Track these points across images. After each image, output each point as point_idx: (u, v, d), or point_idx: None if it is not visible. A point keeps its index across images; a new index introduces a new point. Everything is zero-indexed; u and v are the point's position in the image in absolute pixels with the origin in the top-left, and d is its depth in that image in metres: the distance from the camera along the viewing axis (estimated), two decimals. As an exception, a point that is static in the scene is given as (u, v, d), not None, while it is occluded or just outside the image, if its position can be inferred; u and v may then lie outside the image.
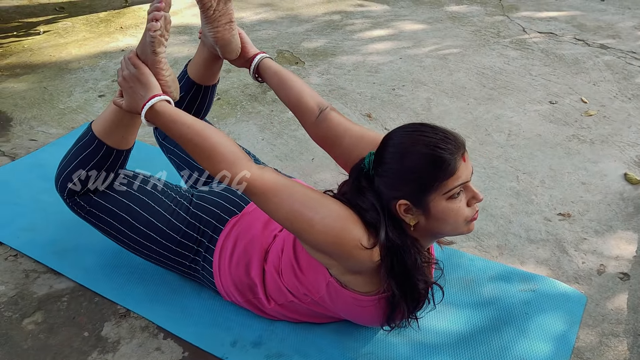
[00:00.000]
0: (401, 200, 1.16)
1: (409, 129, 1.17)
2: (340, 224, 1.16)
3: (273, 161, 2.13)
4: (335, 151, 1.40)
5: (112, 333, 1.46)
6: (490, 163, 2.12)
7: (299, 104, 1.42)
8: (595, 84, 2.67)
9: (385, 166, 1.17)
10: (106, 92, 2.63)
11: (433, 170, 1.12)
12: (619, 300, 1.54)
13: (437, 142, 1.12)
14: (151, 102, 1.24)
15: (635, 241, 1.74)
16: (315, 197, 1.19)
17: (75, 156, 1.42)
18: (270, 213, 1.21)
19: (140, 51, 1.30)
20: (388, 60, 2.93)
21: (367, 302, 1.26)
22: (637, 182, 1.99)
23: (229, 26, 1.44)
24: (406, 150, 1.14)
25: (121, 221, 1.44)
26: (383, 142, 1.20)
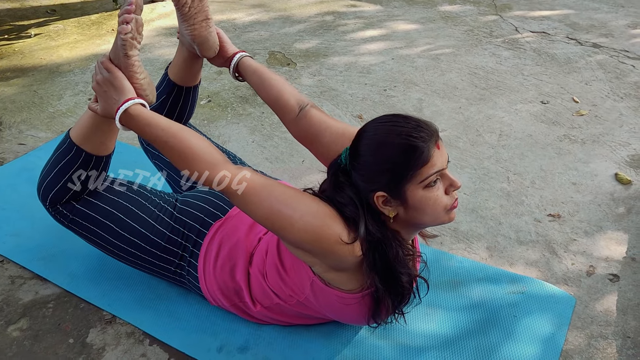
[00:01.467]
0: (378, 192, 1.15)
1: (382, 120, 1.16)
2: (320, 221, 1.15)
3: (263, 163, 2.12)
4: (316, 148, 1.39)
5: (98, 339, 1.45)
6: (481, 164, 2.11)
7: (279, 101, 1.41)
8: (587, 83, 2.66)
9: (361, 159, 1.16)
10: (96, 95, 2.62)
11: (407, 159, 1.11)
12: (608, 302, 1.54)
13: (409, 131, 1.11)
14: (125, 105, 1.23)
15: (626, 242, 1.73)
16: (293, 194, 1.19)
17: (55, 164, 1.40)
18: (250, 213, 1.20)
19: (113, 55, 1.29)
20: (380, 61, 2.92)
21: (352, 299, 1.25)
22: (628, 182, 1.98)
23: (205, 23, 1.44)
24: (380, 142, 1.13)
25: (105, 229, 1.43)
26: (358, 136, 1.19)
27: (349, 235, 1.15)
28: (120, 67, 1.27)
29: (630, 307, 1.52)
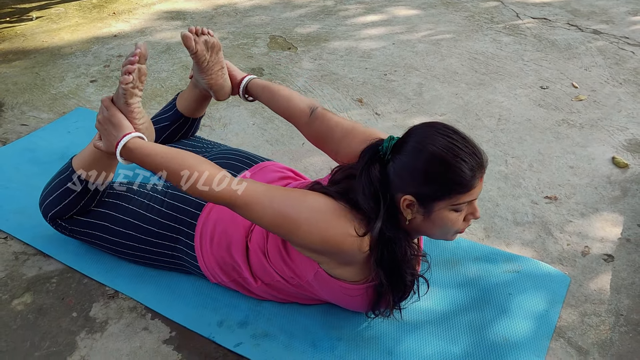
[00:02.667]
0: (408, 196, 1.16)
1: (441, 131, 1.15)
2: (325, 223, 1.17)
3: (264, 145, 2.14)
4: (328, 146, 1.43)
5: (100, 313, 1.48)
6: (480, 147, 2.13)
7: (290, 107, 1.48)
8: (587, 69, 2.67)
9: (406, 158, 1.16)
10: (98, 77, 2.63)
11: (454, 182, 1.13)
12: (602, 281, 1.56)
13: (465, 157, 1.13)
14: (123, 140, 1.28)
15: (621, 223, 1.76)
16: (295, 196, 1.21)
17: (56, 188, 1.49)
18: (255, 221, 1.23)
19: (115, 98, 1.34)
20: (381, 46, 2.93)
21: (355, 290, 1.29)
22: (624, 166, 2.00)
23: (221, 72, 1.54)
24: (433, 153, 1.12)
25: (101, 229, 1.51)
26: (409, 133, 1.19)
27: (358, 230, 1.17)
28: (121, 111, 1.33)
29: (624, 286, 1.55)
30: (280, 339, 1.40)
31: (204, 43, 1.47)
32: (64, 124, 2.24)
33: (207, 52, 1.49)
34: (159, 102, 2.43)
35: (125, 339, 1.41)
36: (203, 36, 1.47)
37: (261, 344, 1.39)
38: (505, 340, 1.38)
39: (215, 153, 1.62)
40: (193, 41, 1.45)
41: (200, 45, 1.46)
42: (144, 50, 1.29)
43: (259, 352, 1.37)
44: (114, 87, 2.54)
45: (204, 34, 1.47)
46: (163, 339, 1.41)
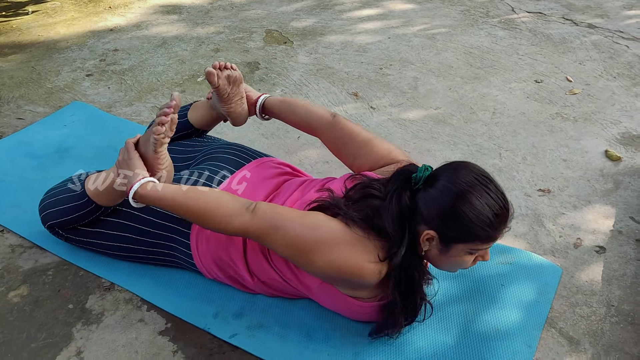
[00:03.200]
0: (432, 231, 1.19)
1: (479, 178, 1.17)
2: (344, 253, 1.19)
3: (259, 139, 2.15)
4: (346, 152, 1.47)
5: (97, 305, 1.49)
6: (474, 140, 2.14)
7: (310, 115, 1.51)
8: (581, 63, 2.68)
9: (437, 194, 1.17)
10: (94, 71, 2.63)
11: (481, 231, 1.16)
12: (593, 273, 1.58)
13: (497, 209, 1.15)
14: (134, 187, 1.30)
15: (613, 216, 1.77)
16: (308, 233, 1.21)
17: (61, 202, 1.49)
18: (271, 249, 1.28)
19: (142, 144, 1.36)
20: (376, 40, 2.94)
21: (361, 307, 1.31)
22: (617, 159, 2.02)
23: (240, 101, 1.56)
24: (467, 199, 1.14)
25: (95, 236, 1.53)
26: (445, 169, 1.21)
27: (380, 255, 1.20)
28: (147, 156, 1.35)
29: (615, 277, 1.56)
30: (275, 330, 1.42)
31: (227, 77, 1.49)
32: (60, 118, 2.24)
33: (228, 86, 1.50)
34: (154, 95, 2.44)
35: (121, 330, 1.43)
36: (226, 70, 1.48)
37: (256, 335, 1.40)
38: (497, 330, 1.40)
39: (214, 148, 1.63)
40: (216, 77, 1.46)
41: (222, 80, 1.48)
42: (179, 102, 1.32)
43: (254, 343, 1.39)
44: (110, 81, 2.55)
45: (227, 69, 1.48)
46: (159, 330, 1.43)
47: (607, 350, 1.37)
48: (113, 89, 2.50)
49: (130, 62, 2.72)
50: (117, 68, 2.66)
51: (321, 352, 1.37)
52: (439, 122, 2.26)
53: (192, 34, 3.00)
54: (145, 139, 1.35)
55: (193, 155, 1.65)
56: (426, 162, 2.01)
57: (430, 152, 2.08)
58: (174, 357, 1.37)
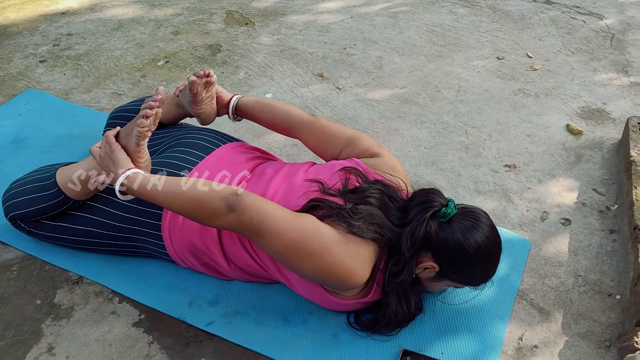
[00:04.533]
0: (435, 265, 1.26)
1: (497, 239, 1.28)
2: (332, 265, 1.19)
3: (225, 123, 2.11)
4: (330, 148, 1.48)
5: (65, 300, 1.45)
6: (440, 119, 2.16)
7: (290, 114, 1.51)
8: (540, 39, 2.73)
9: (456, 241, 1.22)
10: (47, 57, 2.53)
11: (475, 284, 1.30)
12: (560, 245, 1.62)
13: (493, 274, 1.30)
14: (121, 178, 1.27)
15: (577, 188, 1.82)
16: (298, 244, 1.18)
17: (30, 192, 1.44)
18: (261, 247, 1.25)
19: (123, 137, 1.33)
20: (339, 19, 2.91)
21: (336, 303, 1.32)
22: (578, 133, 2.07)
23: (211, 102, 1.54)
24: (484, 254, 1.24)
25: (60, 230, 1.48)
26: (472, 213, 1.27)
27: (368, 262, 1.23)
28: (128, 148, 1.32)
29: (581, 248, 1.61)
30: (252, 315, 1.41)
31: (205, 84, 1.48)
32: (15, 107, 2.15)
33: (204, 91, 1.50)
34: (113, 81, 2.36)
35: (93, 324, 1.39)
36: (205, 78, 1.47)
37: (233, 321, 1.39)
38: (471, 305, 1.43)
39: (183, 133, 1.58)
40: (197, 85, 1.45)
41: (200, 87, 1.47)
42: (164, 96, 1.30)
43: (230, 329, 1.37)
44: (65, 67, 2.45)
45: (207, 77, 1.47)
46: (132, 322, 1.40)
47: (577, 319, 1.42)
48: (69, 75, 2.41)
49: (86, 46, 2.62)
50: (72, 53, 2.56)
51: (299, 335, 1.37)
52: (405, 101, 2.27)
53: (150, 16, 2.91)
54: (127, 132, 1.32)
55: (161, 141, 1.60)
56: (395, 141, 2.03)
57: (397, 131, 2.09)
58: (149, 348, 1.34)
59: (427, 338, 1.36)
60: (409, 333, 1.36)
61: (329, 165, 1.43)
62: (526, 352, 1.34)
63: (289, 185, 1.36)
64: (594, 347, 1.35)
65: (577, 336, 1.38)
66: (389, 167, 1.41)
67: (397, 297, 1.29)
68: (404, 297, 1.30)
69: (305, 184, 1.34)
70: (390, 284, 1.26)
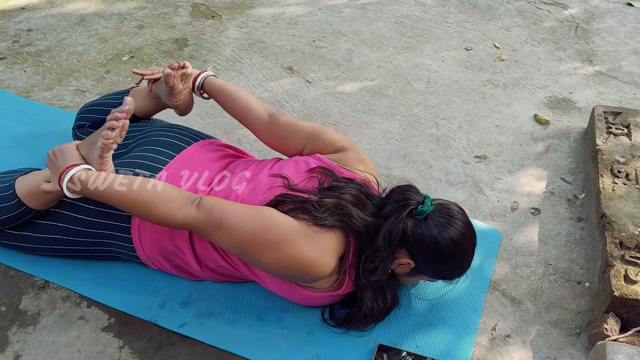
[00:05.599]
0: (411, 262, 1.25)
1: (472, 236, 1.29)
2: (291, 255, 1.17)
3: (193, 119, 2.07)
4: (290, 145, 1.46)
5: (31, 306, 1.40)
6: (411, 111, 2.16)
7: (248, 112, 1.49)
8: (507, 29, 2.75)
9: (431, 238, 1.21)
10: (7, 54, 2.44)
11: (450, 277, 1.30)
12: (530, 234, 1.64)
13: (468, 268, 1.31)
14: (69, 173, 1.23)
15: (545, 178, 1.84)
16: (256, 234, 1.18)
17: None
18: (217, 245, 1.25)
19: (85, 147, 1.30)
20: (307, 12, 2.88)
21: (309, 296, 1.31)
22: (546, 122, 2.09)
23: (188, 93, 1.53)
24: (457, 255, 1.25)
25: (24, 239, 1.43)
26: (447, 210, 1.25)
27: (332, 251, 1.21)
28: (89, 160, 1.29)
29: (550, 237, 1.63)
30: (225, 315, 1.39)
31: (181, 76, 1.45)
32: (-27, 107, 2.07)
33: (180, 83, 1.47)
34: (76, 77, 2.30)
35: (61, 330, 1.35)
36: (181, 70, 1.44)
37: (206, 322, 1.37)
38: (445, 298, 1.43)
39: (153, 130, 1.54)
40: (173, 77, 1.42)
41: (177, 79, 1.44)
42: (132, 107, 1.26)
43: (204, 330, 1.35)
44: (25, 64, 2.38)
45: (183, 68, 1.44)
46: (102, 326, 1.37)
47: (548, 307, 1.44)
48: (30, 72, 2.33)
49: (47, 42, 2.54)
50: (33, 49, 2.48)
51: (274, 334, 1.35)
52: (375, 93, 2.26)
53: (113, 10, 2.84)
54: (90, 142, 1.29)
55: (132, 136, 1.55)
56: (365, 134, 2.02)
57: (369, 124, 2.08)
58: (120, 353, 1.31)
59: (402, 332, 1.36)
60: (383, 328, 1.36)
61: (292, 161, 1.41)
62: (499, 342, 1.36)
63: (254, 182, 1.35)
64: (565, 335, 1.37)
65: (548, 324, 1.40)
66: (356, 161, 1.39)
67: (372, 292, 1.29)
68: (379, 292, 1.30)
69: (270, 179, 1.33)
70: (366, 280, 1.25)
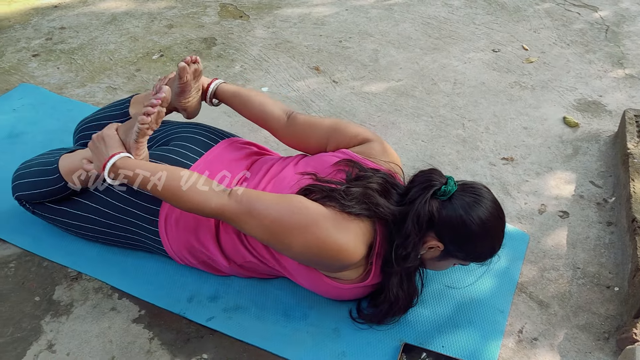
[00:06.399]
0: (440, 244, 1.24)
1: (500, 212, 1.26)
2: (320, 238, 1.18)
3: (221, 117, 2.10)
4: (312, 143, 1.46)
5: (65, 296, 1.44)
6: (437, 112, 2.16)
7: (265, 114, 1.49)
8: (535, 31, 2.73)
9: (458, 212, 1.21)
10: (40, 51, 2.50)
11: (482, 257, 1.28)
12: (558, 237, 1.63)
13: (500, 243, 1.28)
14: (112, 160, 1.28)
15: (574, 181, 1.83)
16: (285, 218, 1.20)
17: (33, 175, 1.46)
18: (247, 234, 1.27)
19: (123, 132, 1.34)
20: (334, 12, 2.90)
21: (337, 288, 1.31)
22: (575, 125, 2.07)
23: (197, 95, 1.52)
24: (486, 228, 1.22)
25: (62, 213, 1.48)
26: (473, 189, 1.25)
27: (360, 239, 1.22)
28: (126, 145, 1.33)
29: (579, 240, 1.62)
30: (252, 310, 1.41)
31: (193, 72, 1.45)
32: (8, 102, 2.13)
33: (192, 80, 1.47)
34: (108, 75, 2.34)
35: (93, 320, 1.38)
36: (193, 65, 1.45)
37: (233, 316, 1.39)
38: (471, 299, 1.43)
39: (179, 128, 1.57)
40: (187, 71, 1.43)
41: (190, 75, 1.45)
42: (168, 95, 1.30)
43: (231, 325, 1.37)
44: (59, 61, 2.43)
45: (195, 63, 1.45)
46: (132, 318, 1.39)
47: (576, 311, 1.43)
48: (63, 69, 2.38)
49: (79, 40, 2.59)
50: (66, 47, 2.54)
51: (300, 330, 1.37)
52: (401, 94, 2.26)
53: (143, 9, 2.88)
54: (127, 127, 1.33)
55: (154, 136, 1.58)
56: (391, 134, 2.03)
57: (395, 124, 2.09)
58: (150, 344, 1.34)
59: (428, 332, 1.36)
60: (409, 327, 1.37)
61: (317, 157, 1.42)
62: (526, 345, 1.35)
63: (278, 179, 1.37)
64: (593, 339, 1.36)
65: (576, 328, 1.39)
66: (381, 152, 1.40)
67: (399, 280, 1.28)
68: (407, 280, 1.29)
69: (296, 176, 1.35)
70: (399, 267, 1.25)
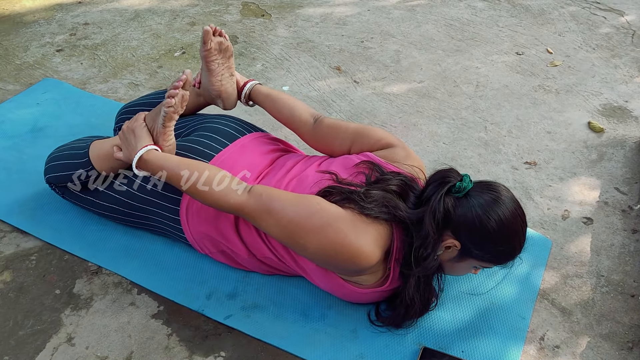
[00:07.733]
0: (457, 242, 1.21)
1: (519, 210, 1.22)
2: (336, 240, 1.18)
3: (242, 116, 2.10)
4: (338, 146, 1.47)
5: (85, 290, 1.45)
6: (459, 114, 2.14)
7: (293, 117, 1.52)
8: (560, 34, 2.69)
9: (475, 211, 1.19)
10: (64, 46, 2.52)
11: (501, 258, 1.24)
12: (582, 244, 1.60)
13: (522, 244, 1.23)
14: (139, 153, 1.31)
15: (598, 187, 1.80)
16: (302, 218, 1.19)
17: (62, 158, 1.52)
18: (265, 232, 1.27)
19: (150, 118, 1.38)
20: (356, 12, 2.88)
21: (355, 292, 1.30)
22: (600, 130, 2.04)
23: (231, 79, 1.54)
24: (505, 226, 1.18)
25: (87, 201, 1.54)
26: (489, 187, 1.22)
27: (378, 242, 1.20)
28: (153, 131, 1.36)
29: (603, 247, 1.59)
30: (271, 309, 1.40)
31: (218, 44, 1.47)
32: (32, 96, 2.15)
33: (218, 54, 1.49)
34: (130, 71, 2.36)
35: (112, 314, 1.39)
36: (218, 37, 1.47)
37: (251, 315, 1.39)
38: (492, 304, 1.41)
39: (208, 118, 1.59)
40: (211, 36, 1.45)
41: (214, 44, 1.46)
42: (190, 78, 1.33)
43: (249, 323, 1.37)
44: (82, 57, 2.45)
45: (220, 36, 1.47)
46: (151, 313, 1.40)
47: (599, 319, 1.40)
48: (86, 64, 2.40)
49: (103, 36, 2.61)
50: (89, 43, 2.56)
51: (318, 330, 1.36)
52: (423, 95, 2.24)
53: (166, 6, 2.90)
54: (155, 114, 1.37)
55: (185, 125, 1.60)
56: (413, 135, 2.01)
57: (416, 126, 2.07)
58: (168, 340, 1.34)
59: (448, 336, 1.35)
60: (429, 331, 1.35)
61: (341, 158, 1.42)
62: (548, 353, 1.33)
63: (300, 178, 1.37)
64: (616, 349, 1.34)
65: (599, 337, 1.36)
66: (404, 157, 1.39)
67: (417, 282, 1.26)
68: (425, 283, 1.28)
69: (318, 175, 1.34)
70: (418, 269, 1.23)
